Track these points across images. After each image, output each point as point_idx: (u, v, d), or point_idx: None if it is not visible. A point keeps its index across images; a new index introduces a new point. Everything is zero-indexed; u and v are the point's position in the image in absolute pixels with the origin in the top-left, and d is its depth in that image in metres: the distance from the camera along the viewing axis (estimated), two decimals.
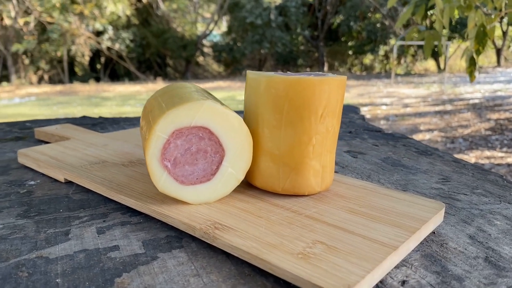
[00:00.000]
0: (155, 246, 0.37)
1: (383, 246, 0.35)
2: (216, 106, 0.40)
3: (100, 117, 0.92)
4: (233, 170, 0.42)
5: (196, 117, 0.39)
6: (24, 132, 0.80)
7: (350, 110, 1.06)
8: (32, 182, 0.53)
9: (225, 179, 0.42)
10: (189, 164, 0.41)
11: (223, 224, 0.38)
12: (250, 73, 0.44)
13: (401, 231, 0.37)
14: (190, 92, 0.44)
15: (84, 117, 0.91)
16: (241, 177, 0.43)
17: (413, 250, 0.37)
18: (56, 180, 0.53)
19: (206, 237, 0.36)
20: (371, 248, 0.34)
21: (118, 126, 0.84)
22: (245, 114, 0.46)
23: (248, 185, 0.47)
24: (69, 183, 0.53)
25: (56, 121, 0.87)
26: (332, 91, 0.42)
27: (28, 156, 0.57)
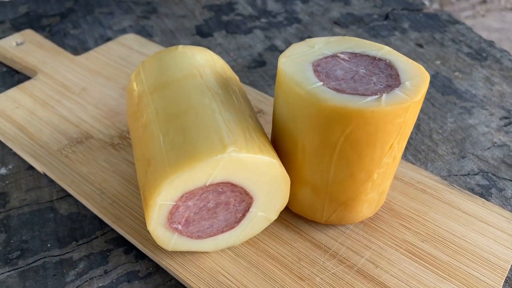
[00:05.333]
0: None
1: None
2: (242, 157, 0.27)
3: None
4: (264, 213, 0.32)
5: (213, 176, 0.27)
6: None
7: None
8: (3, 170, 0.42)
9: (254, 223, 0.32)
10: (206, 219, 0.30)
11: None
12: (283, 65, 0.29)
13: None
14: (204, 117, 0.29)
15: None
16: (274, 217, 0.33)
17: None
18: (31, 167, 0.42)
19: None
20: None
21: (93, 20, 0.65)
22: (275, 126, 0.32)
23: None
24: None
25: (13, 5, 0.67)
26: (409, 118, 0.28)
27: None
